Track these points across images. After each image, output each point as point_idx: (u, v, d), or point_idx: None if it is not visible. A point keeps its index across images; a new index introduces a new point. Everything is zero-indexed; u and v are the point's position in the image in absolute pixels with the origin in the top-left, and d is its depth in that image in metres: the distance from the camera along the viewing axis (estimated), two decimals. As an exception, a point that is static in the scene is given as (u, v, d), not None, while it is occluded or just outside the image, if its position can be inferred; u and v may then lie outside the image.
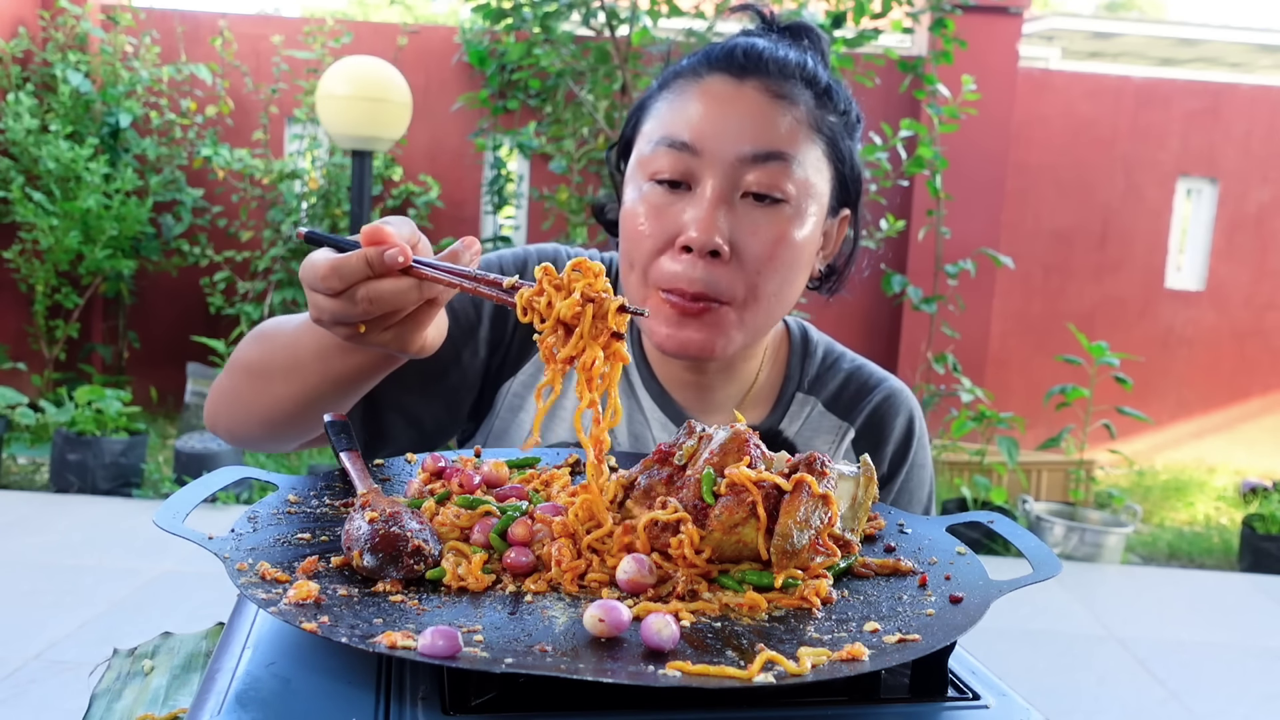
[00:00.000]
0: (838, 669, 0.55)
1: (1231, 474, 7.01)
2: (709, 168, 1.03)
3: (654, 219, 1.05)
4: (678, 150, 1.04)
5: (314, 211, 6.36)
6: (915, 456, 1.25)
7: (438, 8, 13.34)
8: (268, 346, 1.05)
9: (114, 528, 4.59)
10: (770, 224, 1.04)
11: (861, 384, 1.25)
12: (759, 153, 1.03)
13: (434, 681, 0.58)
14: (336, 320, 0.84)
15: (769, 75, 1.07)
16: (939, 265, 5.88)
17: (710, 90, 1.06)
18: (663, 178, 1.05)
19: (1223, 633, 4.20)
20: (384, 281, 0.81)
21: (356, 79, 4.47)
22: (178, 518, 0.71)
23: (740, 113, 1.04)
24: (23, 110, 5.79)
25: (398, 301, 0.82)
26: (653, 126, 1.09)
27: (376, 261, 0.80)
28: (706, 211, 1.02)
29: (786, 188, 1.04)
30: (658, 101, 1.11)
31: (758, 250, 1.04)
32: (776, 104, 1.05)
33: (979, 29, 6.09)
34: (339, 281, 0.81)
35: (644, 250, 1.06)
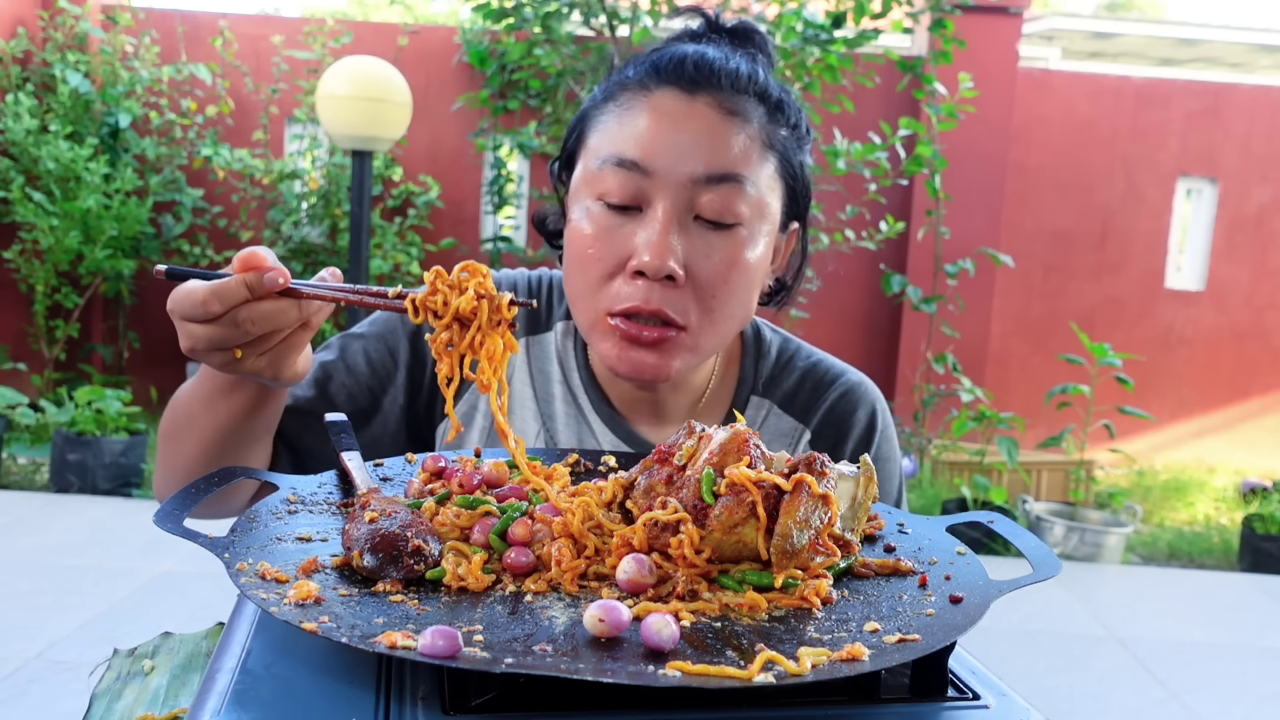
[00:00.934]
0: (838, 669, 0.55)
1: (1231, 474, 7.01)
2: (660, 189, 1.00)
3: (604, 242, 1.02)
4: (627, 170, 1.00)
5: (314, 211, 6.36)
6: (879, 451, 1.22)
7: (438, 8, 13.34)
8: (171, 409, 1.05)
9: (114, 528, 4.59)
10: (724, 247, 1.02)
11: (817, 381, 1.22)
12: (712, 174, 1.00)
13: (434, 681, 0.58)
14: (212, 346, 0.83)
15: (721, 90, 1.03)
16: (939, 265, 5.88)
17: (660, 106, 1.02)
18: (612, 200, 1.01)
19: (1223, 633, 4.20)
20: (264, 303, 0.82)
21: (356, 79, 4.47)
22: (178, 518, 0.71)
23: (693, 131, 1.01)
24: (23, 110, 5.79)
25: (278, 321, 0.83)
26: (599, 141, 1.05)
27: (256, 284, 0.82)
28: (660, 236, 0.99)
29: (740, 210, 1.01)
30: (603, 114, 1.06)
31: (711, 274, 1.01)
32: (729, 121, 1.02)
33: (979, 29, 6.09)
34: (219, 305, 0.81)
35: (594, 275, 1.03)
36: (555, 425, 1.17)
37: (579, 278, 1.05)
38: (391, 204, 6.48)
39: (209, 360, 0.86)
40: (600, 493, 0.79)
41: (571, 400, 1.18)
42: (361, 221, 4.64)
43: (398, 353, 1.17)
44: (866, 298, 6.76)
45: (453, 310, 0.83)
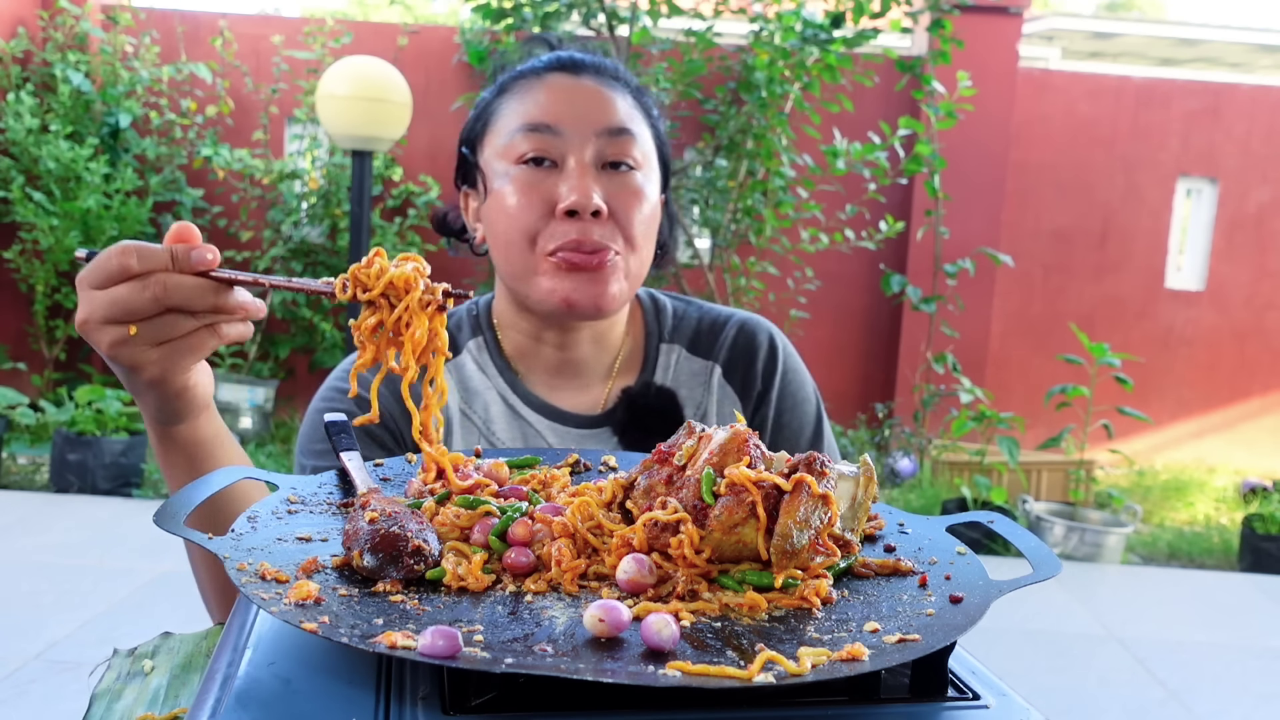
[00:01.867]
0: (838, 669, 0.55)
1: (1231, 474, 7.01)
2: (571, 144, 1.16)
3: (530, 194, 1.15)
4: (540, 132, 1.15)
5: (314, 211, 6.36)
6: (786, 363, 1.33)
7: (438, 8, 13.34)
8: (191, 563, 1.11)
9: (114, 528, 4.59)
10: (630, 185, 1.18)
11: (713, 322, 1.35)
12: (611, 128, 1.17)
13: (434, 681, 0.58)
14: (110, 316, 0.80)
15: (596, 71, 1.22)
16: (938, 265, 5.88)
17: (554, 84, 1.20)
18: (529, 157, 1.15)
19: (1223, 633, 4.20)
20: (182, 275, 0.79)
21: (356, 79, 4.47)
22: (177, 518, 0.71)
23: (585, 96, 1.19)
24: (23, 110, 5.79)
25: (190, 298, 0.80)
26: (505, 122, 1.20)
27: (182, 256, 0.79)
28: (581, 179, 1.14)
29: (636, 156, 1.19)
30: (501, 103, 1.22)
31: (626, 207, 1.17)
32: (612, 89, 1.21)
33: (979, 29, 6.09)
34: (136, 261, 0.78)
35: (525, 223, 1.15)
36: (493, 429, 1.26)
37: (514, 231, 1.16)
38: (391, 204, 6.48)
39: (99, 337, 0.81)
40: (600, 493, 0.79)
41: (502, 402, 1.26)
42: (361, 221, 4.64)
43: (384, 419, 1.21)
44: (866, 298, 6.75)
45: (384, 282, 0.81)
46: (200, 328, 0.83)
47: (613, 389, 1.29)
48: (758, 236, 5.84)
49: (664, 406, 1.27)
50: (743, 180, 5.71)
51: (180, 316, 0.81)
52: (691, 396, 1.30)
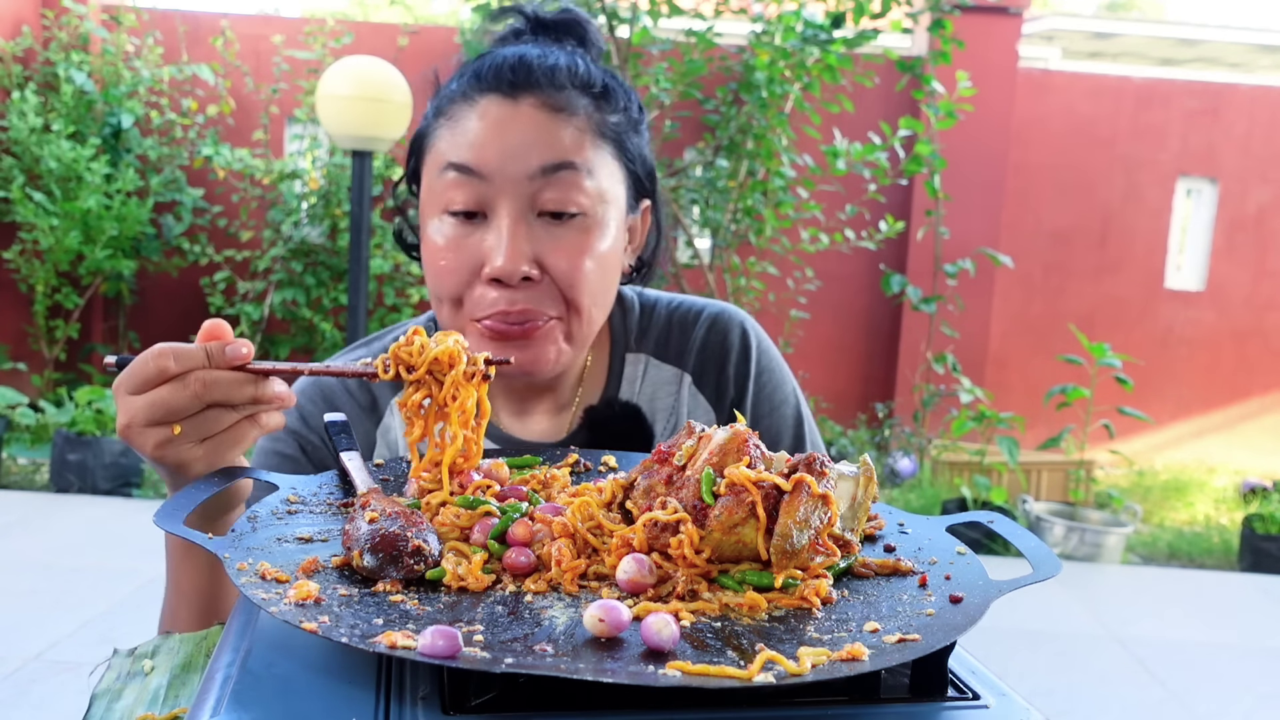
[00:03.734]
0: (838, 669, 0.55)
1: (1231, 474, 7.01)
2: (500, 192, 1.02)
3: (455, 253, 1.03)
4: (465, 176, 1.02)
5: (314, 211, 6.36)
6: (760, 362, 1.23)
7: (438, 8, 13.33)
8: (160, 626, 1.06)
9: (114, 528, 4.59)
10: (572, 238, 1.03)
11: (681, 321, 1.23)
12: (547, 164, 1.02)
13: (434, 681, 0.58)
14: (152, 418, 0.80)
15: (541, 88, 1.04)
16: (938, 265, 5.88)
17: (487, 113, 1.04)
18: (456, 209, 1.03)
19: (1223, 633, 4.19)
20: (219, 370, 0.80)
21: (357, 79, 4.47)
22: (177, 518, 0.71)
23: (519, 132, 1.02)
24: (27, 109, 5.79)
25: (230, 393, 0.81)
26: (434, 156, 1.07)
27: (216, 353, 0.80)
28: (508, 239, 1.01)
29: (580, 200, 1.03)
30: (436, 129, 1.08)
31: (566, 266, 1.03)
32: (555, 117, 1.04)
33: (979, 29, 6.09)
34: (174, 363, 0.78)
35: (451, 285, 1.04)
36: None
37: (439, 290, 1.06)
38: (391, 204, 6.47)
39: (143, 440, 0.81)
40: (600, 493, 0.79)
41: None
42: (361, 221, 4.64)
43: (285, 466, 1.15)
44: (866, 298, 6.75)
45: (428, 359, 0.83)
46: (241, 420, 0.84)
47: (578, 409, 1.19)
48: (758, 236, 5.85)
49: (628, 424, 1.18)
50: (743, 180, 5.71)
51: (221, 411, 0.82)
52: (662, 408, 1.20)
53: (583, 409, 1.19)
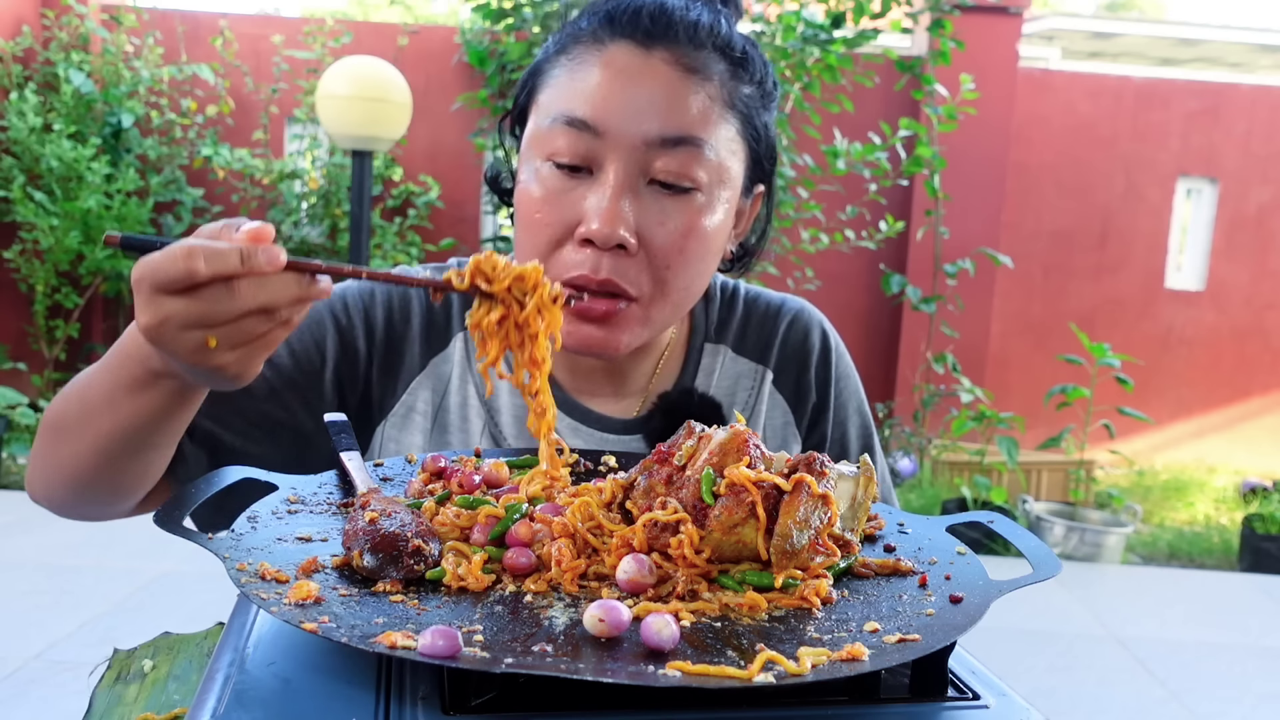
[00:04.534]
0: (838, 669, 0.55)
1: (1231, 474, 7.01)
2: (612, 151, 0.94)
3: (552, 206, 0.97)
4: (577, 130, 0.95)
5: (314, 211, 6.36)
6: (839, 367, 1.19)
7: (438, 8, 13.34)
8: (62, 400, 0.94)
9: (114, 528, 4.58)
10: (680, 214, 0.97)
11: (763, 316, 1.18)
12: (668, 136, 0.94)
13: (434, 681, 0.58)
14: (189, 324, 0.71)
15: (679, 43, 0.96)
16: (938, 265, 5.88)
17: (614, 61, 0.95)
18: (561, 161, 0.96)
19: (1223, 633, 4.19)
20: (266, 276, 0.71)
21: (356, 79, 4.47)
22: (178, 518, 0.71)
23: (648, 89, 0.94)
24: (27, 109, 5.79)
25: (277, 295, 0.72)
26: (549, 98, 0.98)
27: (251, 256, 0.70)
28: (610, 201, 0.94)
29: (697, 175, 0.96)
30: (555, 68, 1.00)
31: (666, 242, 0.96)
32: (688, 79, 0.96)
33: (979, 29, 6.09)
34: (205, 267, 0.69)
35: (542, 240, 0.98)
36: (501, 419, 1.10)
37: (527, 243, 0.99)
38: (391, 204, 6.48)
39: (177, 344, 0.73)
40: (600, 493, 0.79)
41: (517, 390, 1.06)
42: (361, 221, 4.64)
43: (325, 346, 1.06)
44: (866, 298, 6.75)
45: (511, 274, 0.79)
46: (276, 325, 0.76)
47: (651, 392, 1.13)
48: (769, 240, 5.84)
49: (706, 416, 1.11)
50: (743, 180, 5.71)
51: (258, 317, 0.74)
52: (739, 403, 1.15)
53: (656, 394, 1.13)
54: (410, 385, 1.09)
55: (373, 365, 1.08)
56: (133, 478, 0.93)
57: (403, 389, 1.09)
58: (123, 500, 0.98)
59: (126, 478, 0.93)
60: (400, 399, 1.09)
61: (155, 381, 0.83)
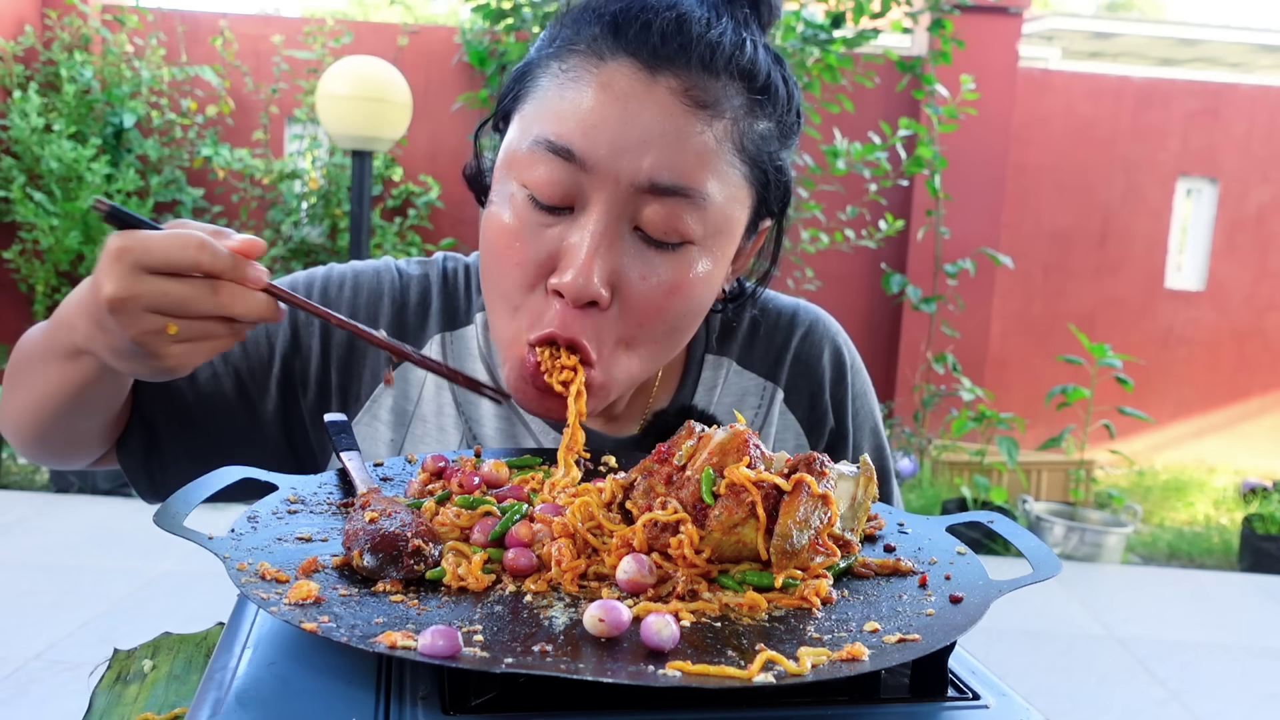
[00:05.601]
0: (838, 669, 0.55)
1: (1231, 474, 7.01)
2: (597, 190, 0.82)
3: (525, 244, 0.85)
4: (561, 159, 0.82)
5: (314, 211, 6.36)
6: (855, 387, 1.11)
7: (438, 8, 13.34)
8: (18, 351, 0.95)
9: (114, 528, 4.59)
10: (665, 269, 0.85)
11: (772, 327, 1.08)
12: (660, 184, 0.82)
13: (434, 681, 0.58)
14: (158, 306, 0.73)
15: (690, 69, 0.83)
16: (939, 265, 5.88)
17: (612, 83, 0.82)
18: (539, 198, 0.84)
19: (1223, 633, 4.19)
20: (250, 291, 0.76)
21: (356, 79, 4.47)
22: (178, 518, 0.70)
23: (644, 124, 0.81)
24: (29, 109, 5.80)
25: (247, 311, 0.76)
26: (535, 111, 0.86)
27: (240, 269, 0.75)
28: (588, 253, 0.82)
29: (689, 229, 0.84)
30: (545, 76, 0.87)
31: (644, 300, 0.85)
32: (694, 116, 0.82)
33: (979, 29, 6.09)
34: (208, 260, 0.72)
35: (510, 282, 0.87)
36: (482, 430, 1.03)
37: (495, 279, 0.89)
38: (391, 204, 6.48)
39: (136, 322, 0.74)
40: (600, 493, 0.79)
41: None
42: (361, 221, 4.64)
43: (275, 340, 1.03)
44: (866, 298, 6.76)
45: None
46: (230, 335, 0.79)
47: (649, 408, 1.06)
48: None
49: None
50: (743, 180, 5.71)
51: (222, 322, 0.77)
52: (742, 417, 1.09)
53: (653, 412, 1.04)
54: (374, 393, 1.04)
55: (330, 366, 1.04)
56: (66, 440, 0.97)
57: (366, 396, 1.04)
58: (66, 459, 1.01)
59: (60, 438, 0.96)
60: (364, 406, 1.04)
61: (77, 355, 0.85)
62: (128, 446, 1.03)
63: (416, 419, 1.03)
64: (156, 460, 1.04)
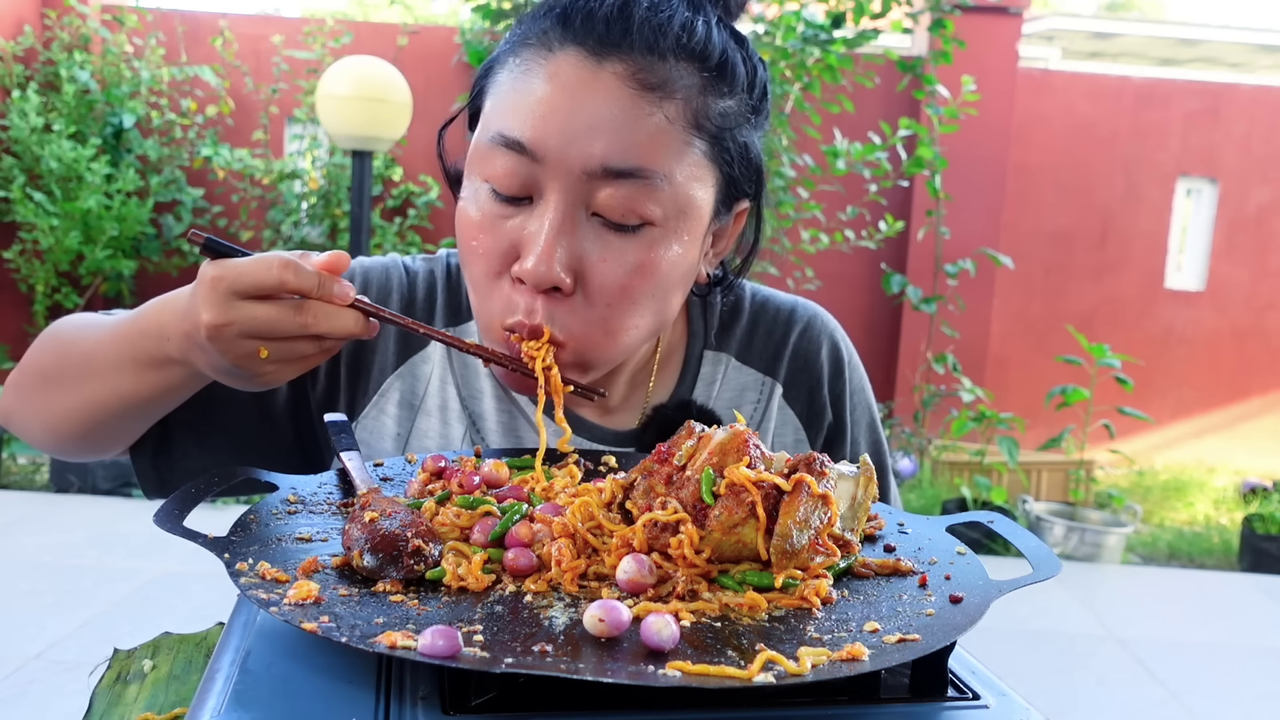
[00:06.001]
0: (838, 669, 0.55)
1: (1231, 474, 7.01)
2: (551, 180, 0.84)
3: (489, 235, 0.88)
4: (515, 152, 0.84)
5: (314, 211, 6.36)
6: (853, 382, 1.12)
7: (438, 8, 13.33)
8: (59, 354, 0.95)
9: (114, 528, 4.59)
10: (627, 251, 0.86)
11: (771, 323, 1.10)
12: (612, 167, 0.83)
13: (434, 681, 0.58)
14: (252, 331, 0.76)
15: (636, 52, 0.83)
16: (939, 265, 5.88)
17: (560, 72, 0.84)
18: (499, 190, 0.87)
19: (1223, 633, 4.19)
20: (335, 308, 0.78)
21: (356, 79, 4.47)
22: (177, 518, 0.71)
23: (591, 110, 0.82)
24: (29, 109, 5.80)
25: (334, 328, 0.78)
26: (493, 107, 0.88)
27: (326, 286, 0.77)
28: (545, 241, 0.84)
29: (648, 210, 0.85)
30: (503, 71, 0.89)
31: (607, 282, 0.86)
32: (641, 98, 0.83)
33: (979, 29, 6.09)
34: (293, 279, 0.75)
35: (479, 271, 0.90)
36: (485, 425, 1.04)
37: (467, 269, 0.93)
38: (391, 204, 6.48)
39: (232, 348, 0.77)
40: (600, 493, 0.79)
41: (503, 395, 1.05)
42: (361, 221, 4.64)
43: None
44: (866, 298, 6.76)
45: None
46: (320, 351, 0.81)
47: (648, 403, 1.06)
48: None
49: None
50: (743, 180, 5.71)
51: (311, 341, 0.79)
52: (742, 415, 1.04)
53: (653, 406, 1.05)
54: (383, 386, 1.05)
55: (339, 360, 1.05)
56: (110, 440, 0.98)
57: (374, 389, 1.05)
58: (94, 454, 1.02)
59: (104, 439, 0.97)
60: (372, 400, 1.05)
61: (166, 364, 0.86)
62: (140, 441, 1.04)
63: (422, 413, 1.05)
64: (165, 458, 1.05)
